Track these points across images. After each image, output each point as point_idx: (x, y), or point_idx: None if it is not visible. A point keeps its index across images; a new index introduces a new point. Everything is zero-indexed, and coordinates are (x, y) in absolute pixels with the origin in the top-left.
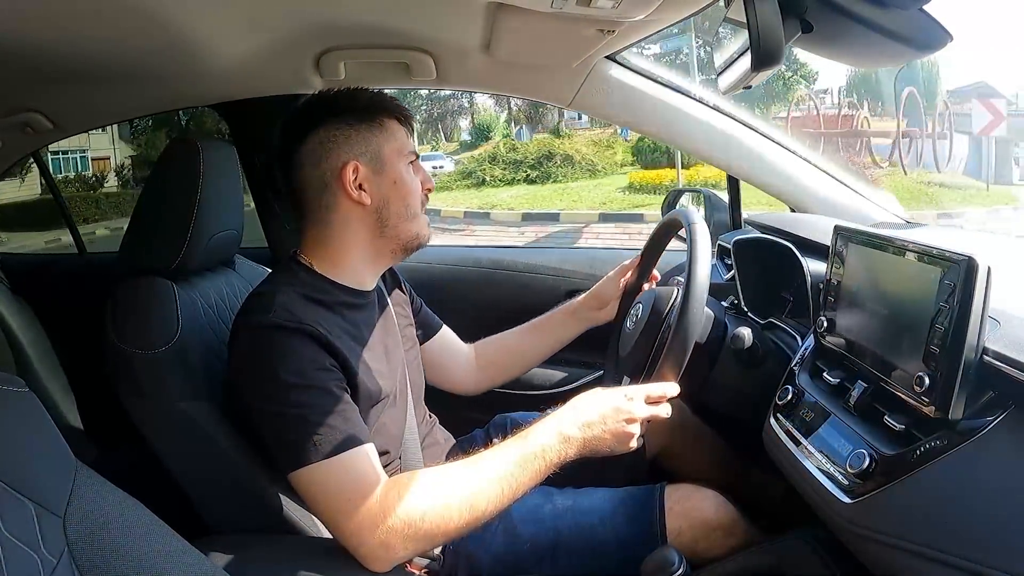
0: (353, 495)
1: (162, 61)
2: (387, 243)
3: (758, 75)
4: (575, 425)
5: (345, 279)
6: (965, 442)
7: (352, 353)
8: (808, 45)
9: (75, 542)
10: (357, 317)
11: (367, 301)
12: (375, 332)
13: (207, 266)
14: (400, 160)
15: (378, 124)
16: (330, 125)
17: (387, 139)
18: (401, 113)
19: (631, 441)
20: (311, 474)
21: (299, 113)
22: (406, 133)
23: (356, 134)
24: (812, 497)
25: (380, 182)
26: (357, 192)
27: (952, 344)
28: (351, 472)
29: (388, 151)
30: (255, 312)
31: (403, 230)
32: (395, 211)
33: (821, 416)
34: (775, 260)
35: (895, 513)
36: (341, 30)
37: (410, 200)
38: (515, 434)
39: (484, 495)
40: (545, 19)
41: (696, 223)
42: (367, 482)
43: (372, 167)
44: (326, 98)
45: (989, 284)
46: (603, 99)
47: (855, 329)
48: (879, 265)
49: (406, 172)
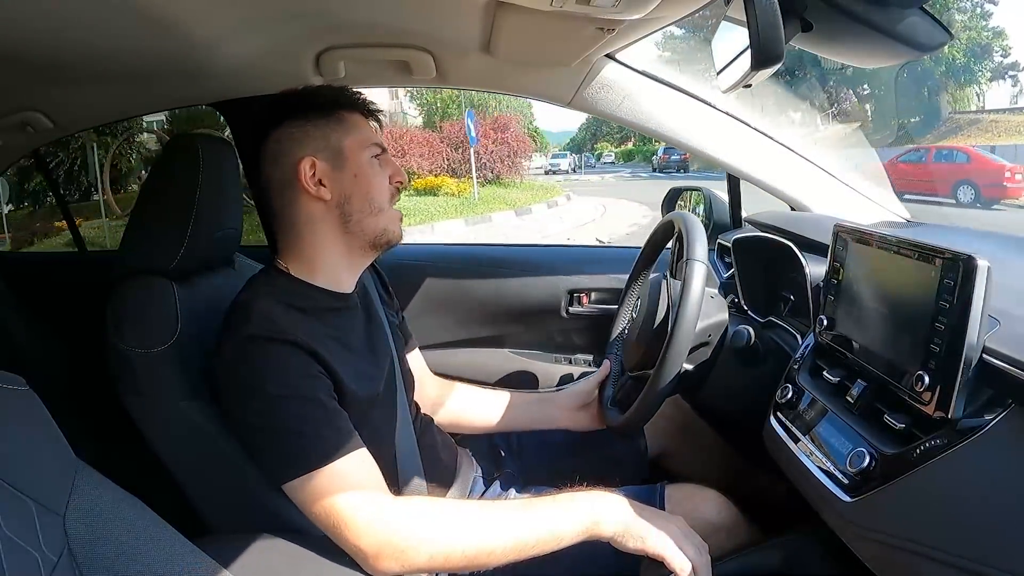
0: (349, 501)
1: (162, 60)
2: (354, 239)
3: (758, 74)
4: (617, 525)
5: (323, 282)
6: (965, 441)
7: (337, 358)
8: (808, 44)
9: (75, 541)
10: (340, 321)
11: (348, 304)
12: (359, 334)
13: (207, 265)
14: (362, 153)
15: (336, 118)
16: (288, 123)
17: (347, 132)
18: (364, 108)
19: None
20: (305, 484)
21: (260, 113)
22: (372, 127)
23: (314, 129)
24: (812, 496)
25: (340, 177)
26: (316, 188)
27: (952, 343)
28: (346, 478)
29: (349, 144)
30: (236, 324)
31: (367, 225)
32: (357, 206)
33: (821, 415)
34: (775, 259)
35: (895, 512)
36: (341, 29)
37: (373, 194)
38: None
39: (493, 554)
40: (545, 18)
41: (696, 260)
42: (362, 487)
43: (331, 162)
44: (286, 96)
45: (989, 283)
46: (603, 98)
47: (855, 328)
48: (879, 264)
49: (369, 166)
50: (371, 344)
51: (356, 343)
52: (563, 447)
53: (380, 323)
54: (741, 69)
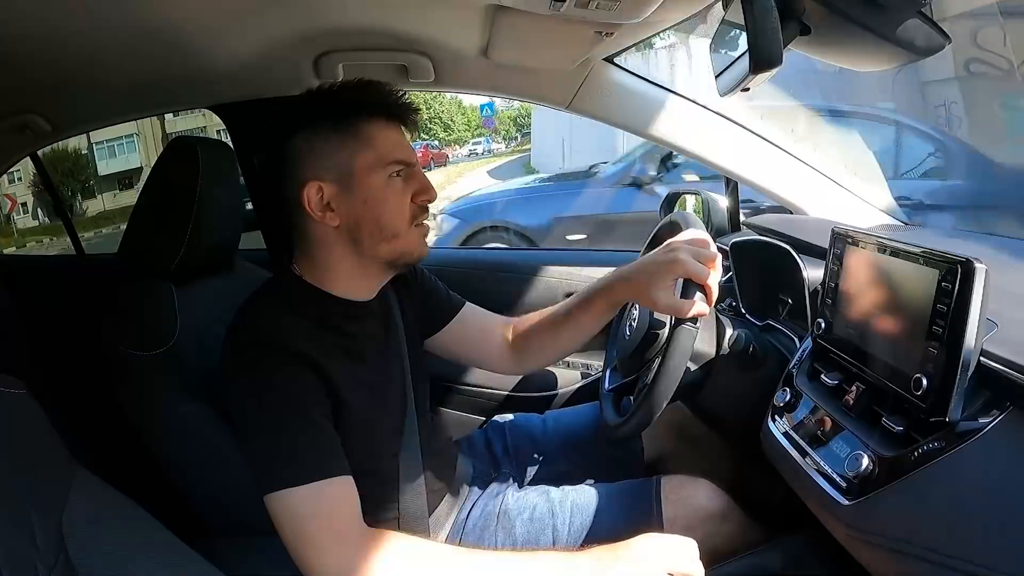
0: (317, 528)
1: (161, 63)
2: (369, 261)
3: (756, 78)
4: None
5: (337, 291)
6: (963, 443)
7: (344, 371)
8: (806, 47)
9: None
10: (353, 329)
11: (365, 312)
12: (373, 342)
13: (206, 267)
14: (375, 174)
15: (351, 132)
16: (300, 135)
17: (359, 149)
18: (388, 112)
19: None
20: (277, 500)
21: (277, 118)
22: (397, 136)
23: (323, 145)
24: (810, 499)
25: (350, 200)
26: (322, 213)
27: (950, 346)
28: (318, 504)
29: (360, 165)
30: (242, 329)
31: (381, 250)
32: (368, 232)
33: (819, 418)
34: (773, 262)
35: (894, 515)
36: (339, 32)
37: (386, 220)
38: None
39: None
40: (543, 21)
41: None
42: (332, 517)
43: (339, 184)
44: (299, 102)
45: (987, 286)
46: (601, 101)
47: (853, 331)
48: (877, 267)
49: (385, 188)
50: (385, 353)
51: (368, 352)
52: (558, 448)
53: (397, 330)
54: (740, 73)
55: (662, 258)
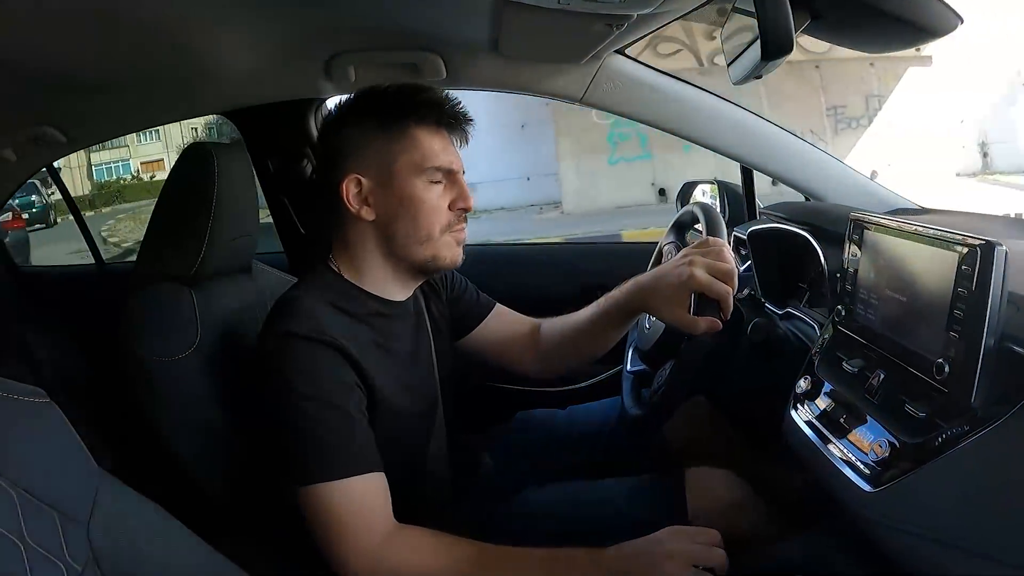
0: (350, 523)
1: (173, 71)
2: (400, 262)
3: (768, 64)
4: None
5: (373, 288)
6: (987, 428)
7: (378, 366)
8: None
9: (100, 549)
10: (388, 327)
11: (399, 311)
12: (406, 342)
13: (225, 272)
14: (415, 177)
15: (398, 133)
16: (346, 131)
17: (403, 151)
18: (437, 120)
19: None
20: (311, 493)
21: (331, 113)
22: (443, 142)
23: (368, 144)
24: (833, 487)
25: (386, 197)
26: (359, 207)
27: (972, 330)
28: (352, 499)
29: (401, 167)
30: (281, 318)
31: (413, 252)
32: (402, 231)
33: (841, 405)
34: (791, 250)
35: (917, 501)
36: (349, 33)
37: (421, 221)
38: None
39: None
40: (552, 15)
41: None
42: (366, 512)
43: (378, 180)
44: (356, 98)
45: (1008, 268)
46: (614, 94)
47: (873, 317)
48: (896, 252)
49: (423, 190)
50: (416, 353)
51: (401, 351)
52: (581, 443)
53: (428, 330)
54: (752, 60)
55: (677, 271)
